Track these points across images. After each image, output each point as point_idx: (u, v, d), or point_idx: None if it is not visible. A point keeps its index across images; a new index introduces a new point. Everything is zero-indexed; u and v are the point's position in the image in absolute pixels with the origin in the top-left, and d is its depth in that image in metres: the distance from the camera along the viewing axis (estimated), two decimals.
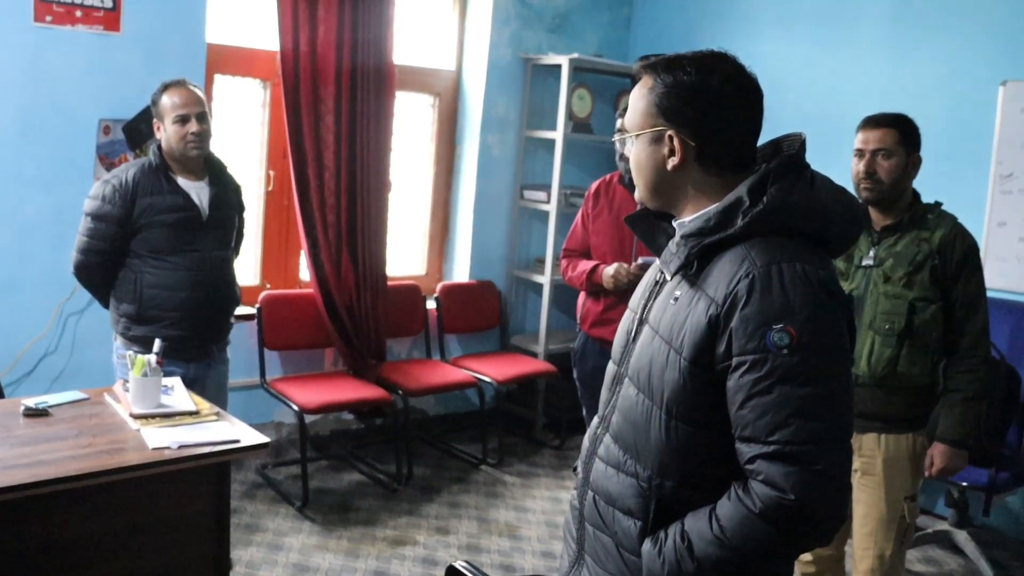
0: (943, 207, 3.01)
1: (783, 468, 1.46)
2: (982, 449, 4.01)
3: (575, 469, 1.87)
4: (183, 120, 3.39)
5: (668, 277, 1.70)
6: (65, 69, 4.13)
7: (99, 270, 3.49)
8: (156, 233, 3.42)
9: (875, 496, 2.99)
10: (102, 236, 3.42)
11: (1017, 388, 4.07)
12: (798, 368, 1.48)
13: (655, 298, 1.72)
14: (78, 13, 4.10)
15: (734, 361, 1.52)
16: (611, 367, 1.80)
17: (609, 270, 3.77)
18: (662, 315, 1.66)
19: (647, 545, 1.61)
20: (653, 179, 1.69)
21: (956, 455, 2.94)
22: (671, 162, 1.65)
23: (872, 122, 2.98)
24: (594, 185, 3.97)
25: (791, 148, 1.65)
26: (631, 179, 4.00)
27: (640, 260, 3.73)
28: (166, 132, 3.43)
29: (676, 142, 1.63)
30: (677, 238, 1.68)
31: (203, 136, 3.44)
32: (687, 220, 1.67)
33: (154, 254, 3.43)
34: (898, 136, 2.93)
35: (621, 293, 3.72)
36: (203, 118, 3.44)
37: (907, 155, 2.94)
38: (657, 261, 1.76)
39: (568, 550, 1.84)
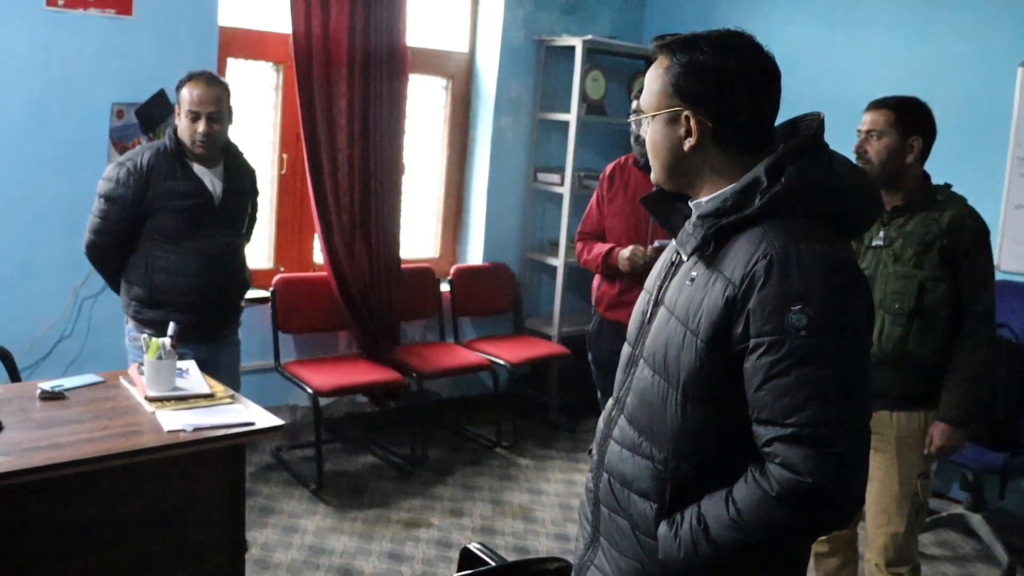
0: (953, 188, 3.01)
1: (800, 451, 1.45)
2: (992, 431, 4.02)
3: (590, 452, 1.87)
4: (194, 117, 3.39)
5: (684, 258, 1.68)
6: (77, 53, 4.13)
7: (111, 252, 3.51)
8: (168, 218, 3.42)
9: (888, 474, 2.99)
10: (115, 218, 3.43)
11: None
12: (816, 350, 1.46)
13: (671, 279, 1.71)
14: None
15: (751, 343, 1.50)
16: (626, 349, 1.79)
17: (625, 253, 3.76)
18: (678, 296, 1.64)
19: (663, 528, 1.61)
20: (669, 160, 1.67)
21: (954, 434, 2.93)
22: (688, 143, 1.63)
23: (873, 104, 2.99)
24: (609, 167, 3.96)
25: (809, 128, 1.63)
26: (646, 161, 3.98)
27: (656, 243, 3.72)
28: (180, 121, 3.43)
29: (693, 123, 1.62)
30: (694, 219, 1.66)
31: (211, 137, 3.42)
32: (704, 201, 1.66)
33: (166, 239, 3.44)
34: (892, 117, 2.93)
35: (637, 276, 3.71)
36: (215, 118, 3.41)
37: (901, 137, 2.92)
38: (673, 242, 1.75)
39: (583, 533, 1.84)
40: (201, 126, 3.39)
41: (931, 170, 3.03)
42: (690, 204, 1.71)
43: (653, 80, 1.67)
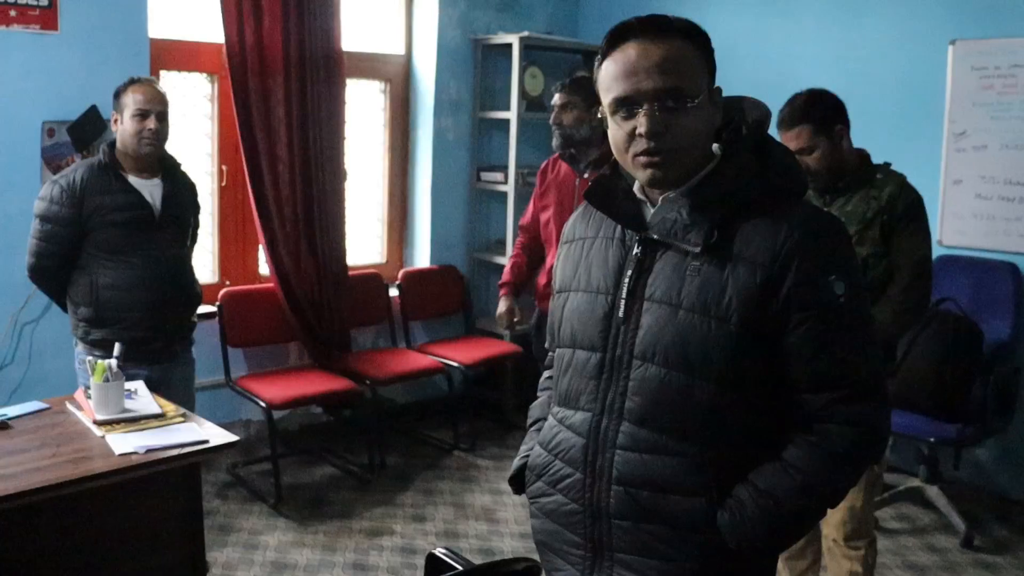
0: (892, 167, 3.06)
1: (866, 406, 1.56)
2: (944, 403, 4.07)
3: (539, 475, 1.78)
4: (143, 115, 3.33)
5: (693, 249, 1.59)
6: (3, 72, 4.02)
7: (56, 272, 3.43)
8: (108, 233, 3.35)
9: None
10: (54, 238, 3.36)
11: (979, 343, 4.11)
12: (856, 312, 1.57)
13: (646, 274, 1.64)
14: (12, 12, 3.99)
15: (795, 317, 1.55)
16: (584, 355, 1.70)
17: (500, 308, 4.16)
18: (681, 288, 1.59)
19: (724, 518, 1.57)
20: (705, 144, 1.64)
21: None
22: (717, 119, 1.64)
23: (784, 124, 2.97)
24: (543, 164, 4.08)
25: (758, 109, 1.67)
26: (570, 154, 4.04)
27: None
28: (123, 127, 3.36)
29: (718, 99, 1.64)
30: (686, 209, 1.60)
31: (160, 135, 3.38)
32: (696, 186, 1.62)
33: (108, 254, 3.36)
34: (811, 130, 2.94)
35: None
36: (162, 117, 3.39)
37: (828, 137, 2.95)
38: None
39: (568, 558, 1.73)
40: (151, 123, 3.34)
41: (870, 149, 3.07)
42: (671, 195, 1.63)
43: (688, 60, 1.58)
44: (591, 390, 1.68)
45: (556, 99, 3.82)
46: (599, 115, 1.68)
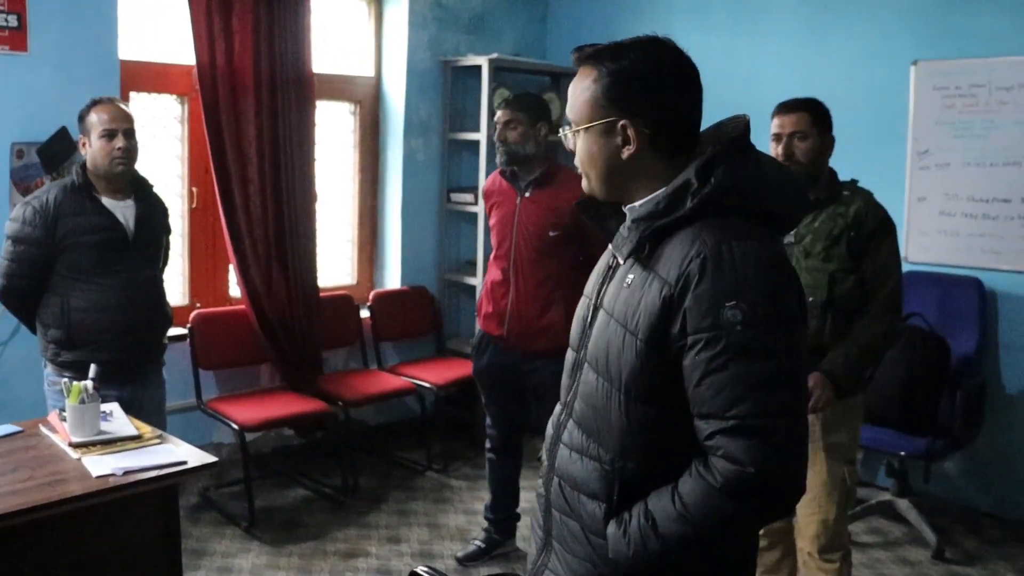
0: (859, 184, 3.14)
1: (742, 442, 1.47)
2: (913, 417, 4.13)
3: (540, 458, 1.87)
4: (110, 135, 3.31)
5: (621, 261, 1.70)
6: None
7: (24, 294, 3.38)
8: (81, 254, 3.32)
9: (816, 462, 3.04)
10: (26, 259, 3.32)
11: (946, 358, 4.18)
12: (752, 344, 1.49)
13: (608, 283, 1.73)
14: None
15: (689, 340, 1.52)
16: (570, 354, 1.81)
17: None
18: (616, 299, 1.66)
19: (612, 527, 1.62)
20: (607, 170, 1.68)
21: (826, 388, 2.95)
22: (626, 151, 1.65)
23: (786, 107, 3.11)
24: (486, 184, 4.03)
25: (736, 129, 1.67)
26: (512, 171, 4.02)
27: None
28: (92, 148, 3.34)
29: (631, 131, 1.63)
30: (628, 222, 1.68)
31: (130, 152, 3.36)
32: (637, 205, 1.67)
33: (81, 276, 3.33)
34: (811, 119, 3.07)
35: (509, 288, 3.81)
36: (130, 135, 3.37)
37: (820, 136, 3.07)
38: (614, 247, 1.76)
39: (535, 538, 1.84)
40: (119, 141, 3.32)
41: (836, 167, 3.14)
42: (624, 209, 1.72)
43: (581, 92, 1.68)
44: (566, 386, 1.80)
45: (499, 116, 3.75)
46: (542, 132, 1.74)
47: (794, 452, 1.51)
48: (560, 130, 1.72)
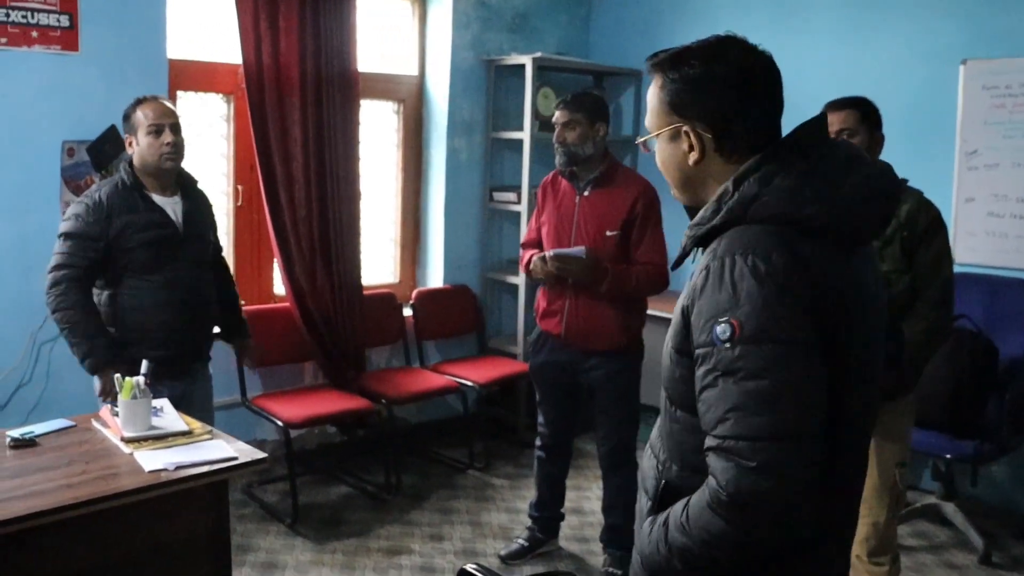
0: (909, 183, 3.09)
1: (721, 463, 1.45)
2: (960, 420, 4.08)
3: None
4: (158, 131, 3.35)
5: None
6: (24, 92, 4.04)
7: (76, 292, 3.38)
8: (136, 253, 3.36)
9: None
10: (80, 255, 3.33)
11: (994, 360, 4.12)
12: (739, 362, 1.45)
13: None
14: (34, 34, 4.02)
15: (695, 353, 1.54)
16: None
17: (534, 260, 3.80)
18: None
19: (645, 525, 1.66)
20: (679, 176, 1.70)
21: None
22: (692, 157, 1.65)
23: (835, 105, 3.10)
24: (543, 181, 4.01)
25: (806, 131, 1.64)
26: (571, 171, 3.99)
27: (551, 252, 3.71)
28: (139, 146, 3.38)
29: (693, 137, 1.63)
30: (687, 229, 1.69)
31: (178, 147, 3.40)
32: (700, 212, 1.66)
33: (134, 275, 3.37)
34: (859, 116, 3.07)
35: (564, 286, 3.77)
36: (177, 130, 3.41)
37: (870, 134, 3.05)
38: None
39: None
40: (167, 136, 3.36)
41: None
42: None
43: (651, 100, 1.71)
44: None
45: (558, 116, 3.74)
46: (601, 132, 1.76)
47: (774, 478, 1.41)
48: (637, 138, 1.74)
